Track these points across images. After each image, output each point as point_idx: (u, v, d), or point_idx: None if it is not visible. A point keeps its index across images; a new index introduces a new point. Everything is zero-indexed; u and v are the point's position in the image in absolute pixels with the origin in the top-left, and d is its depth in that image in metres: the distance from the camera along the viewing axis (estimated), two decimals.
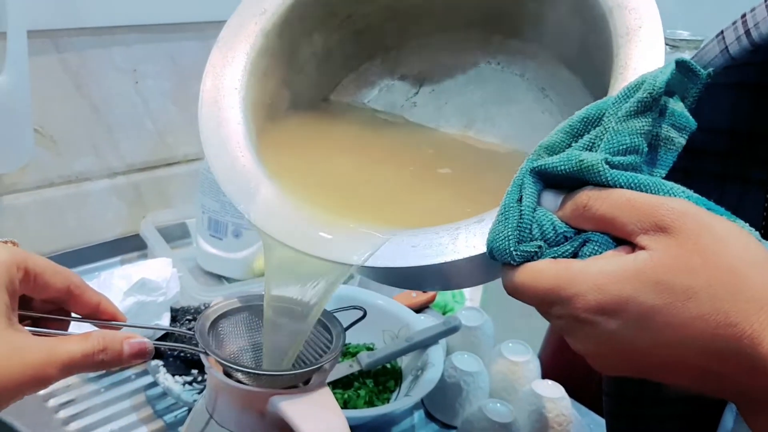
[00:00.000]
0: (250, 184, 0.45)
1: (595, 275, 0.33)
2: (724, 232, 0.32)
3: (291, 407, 0.43)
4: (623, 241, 0.34)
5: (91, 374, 0.74)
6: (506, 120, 0.55)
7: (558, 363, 0.88)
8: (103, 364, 0.40)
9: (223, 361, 0.44)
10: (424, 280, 0.48)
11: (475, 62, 0.58)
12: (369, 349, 0.80)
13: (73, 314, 0.44)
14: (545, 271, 0.34)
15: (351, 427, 0.73)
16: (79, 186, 0.86)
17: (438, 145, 0.54)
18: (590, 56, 0.46)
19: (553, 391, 0.75)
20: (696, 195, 0.34)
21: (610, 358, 0.35)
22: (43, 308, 0.43)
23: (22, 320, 0.41)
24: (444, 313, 0.95)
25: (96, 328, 0.43)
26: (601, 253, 0.34)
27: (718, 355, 0.32)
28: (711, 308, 0.31)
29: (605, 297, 0.32)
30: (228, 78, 0.49)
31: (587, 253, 0.35)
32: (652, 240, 0.32)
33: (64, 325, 0.44)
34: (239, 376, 0.45)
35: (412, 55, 0.59)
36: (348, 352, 0.80)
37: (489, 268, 0.39)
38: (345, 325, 0.49)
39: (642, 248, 0.32)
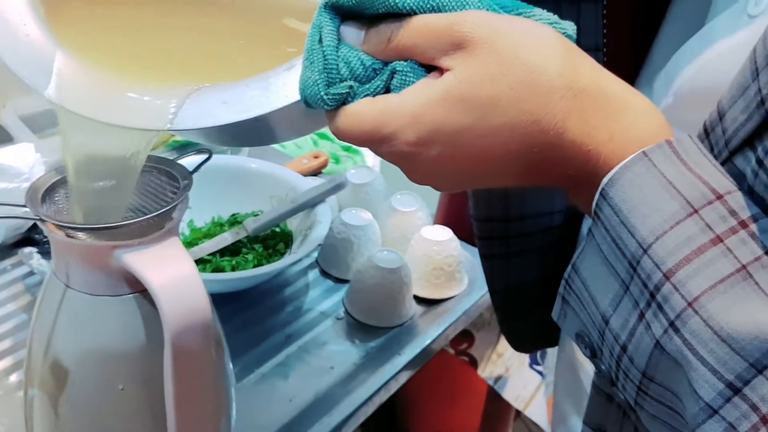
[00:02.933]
0: (40, 57, 0.40)
1: (409, 108, 0.32)
2: (518, 33, 0.32)
3: (135, 258, 0.41)
4: (434, 67, 0.33)
5: None
6: None
7: (451, 210, 0.89)
8: None
9: (57, 222, 0.41)
10: (247, 136, 0.46)
11: None
12: (255, 215, 0.78)
13: None
14: (364, 113, 0.34)
15: (243, 291, 0.73)
16: None
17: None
18: None
19: (441, 234, 0.76)
20: None
21: (442, 180, 0.36)
22: None
23: None
24: None
25: None
26: (410, 81, 0.33)
27: (532, 153, 0.32)
28: (516, 111, 0.31)
29: (421, 128, 0.32)
30: None
31: (397, 85, 0.34)
32: (452, 59, 0.32)
33: None
34: (80, 235, 0.42)
35: None
36: (236, 222, 0.78)
37: (314, 115, 0.38)
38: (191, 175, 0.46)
39: (446, 70, 0.32)
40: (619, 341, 0.31)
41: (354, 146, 1.26)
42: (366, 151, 1.24)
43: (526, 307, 0.59)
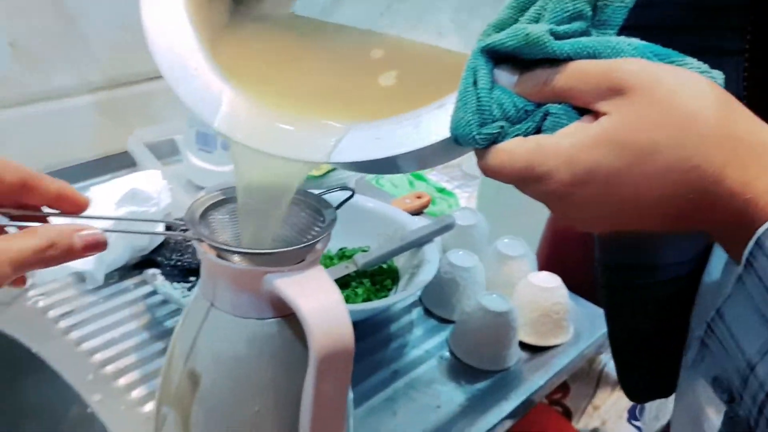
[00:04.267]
0: (208, 89, 0.43)
1: (566, 149, 0.33)
2: (676, 81, 0.32)
3: (286, 284, 0.43)
4: (586, 110, 0.34)
5: (89, 286, 0.74)
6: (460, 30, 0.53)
7: (554, 257, 0.89)
8: (55, 259, 0.38)
9: (215, 244, 0.43)
10: (393, 166, 0.48)
11: None
12: (363, 251, 0.80)
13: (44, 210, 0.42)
14: (517, 152, 0.35)
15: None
16: (60, 102, 0.84)
17: (384, 45, 0.52)
18: None
19: (549, 281, 0.75)
20: (643, 43, 0.34)
21: (591, 221, 0.36)
22: None
23: None
24: None
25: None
26: (563, 124, 0.34)
27: (687, 199, 0.33)
28: (675, 157, 0.32)
29: (576, 169, 0.33)
30: None
31: (549, 127, 0.35)
32: (610, 104, 0.33)
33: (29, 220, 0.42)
34: (233, 258, 0.44)
35: None
36: (344, 255, 0.80)
37: (452, 150, 0.39)
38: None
39: (603, 114, 0.33)
40: (765, 388, 0.31)
41: (448, 189, 1.28)
42: (459, 193, 1.25)
43: (643, 356, 0.58)
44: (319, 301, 0.42)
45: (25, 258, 0.37)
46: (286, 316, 0.46)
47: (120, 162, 0.91)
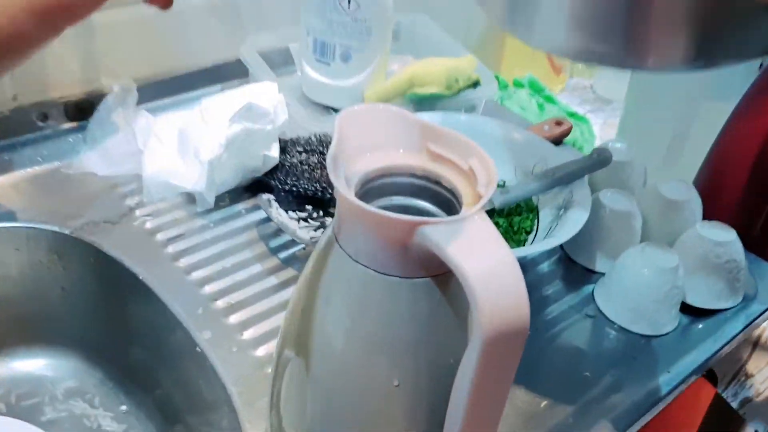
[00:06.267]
0: None
1: None
2: None
3: (444, 237, 0.34)
4: None
5: (199, 209, 0.68)
6: None
7: (716, 205, 0.76)
8: None
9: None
10: None
11: None
12: (500, 186, 0.70)
13: None
14: None
15: None
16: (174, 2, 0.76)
17: None
18: None
19: (723, 234, 0.63)
20: None
21: None
22: None
23: None
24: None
25: None
26: None
27: None
28: None
29: None
30: None
31: None
32: None
33: None
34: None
35: None
36: None
37: None
38: None
39: None
40: None
41: (579, 113, 1.15)
42: (593, 118, 1.12)
43: None
44: (488, 261, 0.33)
45: None
46: (436, 276, 0.37)
47: (232, 71, 0.83)
